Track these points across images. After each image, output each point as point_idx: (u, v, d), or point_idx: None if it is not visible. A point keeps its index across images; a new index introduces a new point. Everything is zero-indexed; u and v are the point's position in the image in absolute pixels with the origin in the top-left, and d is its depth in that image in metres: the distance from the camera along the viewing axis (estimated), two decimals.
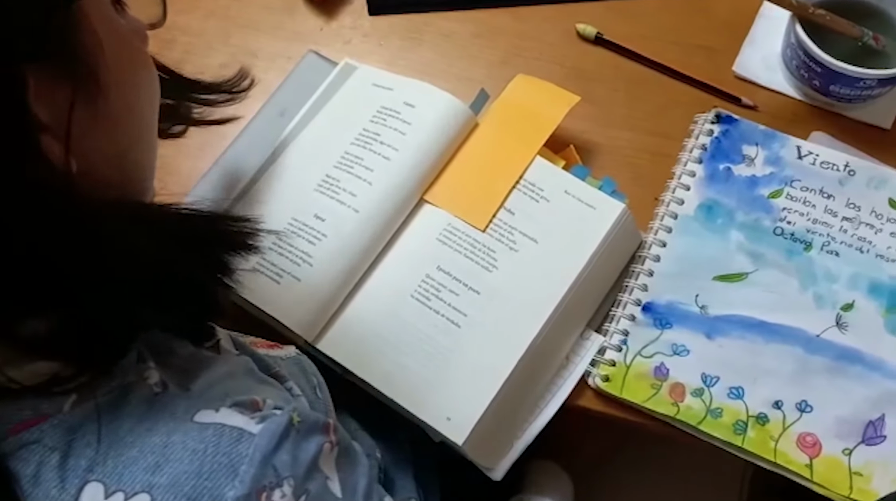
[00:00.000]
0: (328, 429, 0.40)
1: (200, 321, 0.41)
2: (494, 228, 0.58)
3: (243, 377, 0.41)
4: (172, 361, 0.39)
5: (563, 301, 0.56)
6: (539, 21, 0.70)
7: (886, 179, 0.61)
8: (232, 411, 0.36)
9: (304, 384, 0.49)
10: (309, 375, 0.51)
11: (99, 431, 0.35)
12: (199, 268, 0.38)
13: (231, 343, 0.44)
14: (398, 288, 0.57)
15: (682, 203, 0.62)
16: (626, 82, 0.68)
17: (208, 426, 0.36)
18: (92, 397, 0.36)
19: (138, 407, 0.36)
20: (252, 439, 0.36)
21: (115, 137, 0.35)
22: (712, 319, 0.59)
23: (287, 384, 0.44)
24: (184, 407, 0.36)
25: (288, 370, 0.50)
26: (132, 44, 0.37)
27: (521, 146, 0.60)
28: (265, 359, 0.45)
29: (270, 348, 0.52)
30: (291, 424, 0.37)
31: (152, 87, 0.39)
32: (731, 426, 0.56)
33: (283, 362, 0.51)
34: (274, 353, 0.51)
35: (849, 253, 0.59)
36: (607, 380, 0.58)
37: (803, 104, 0.65)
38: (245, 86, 0.53)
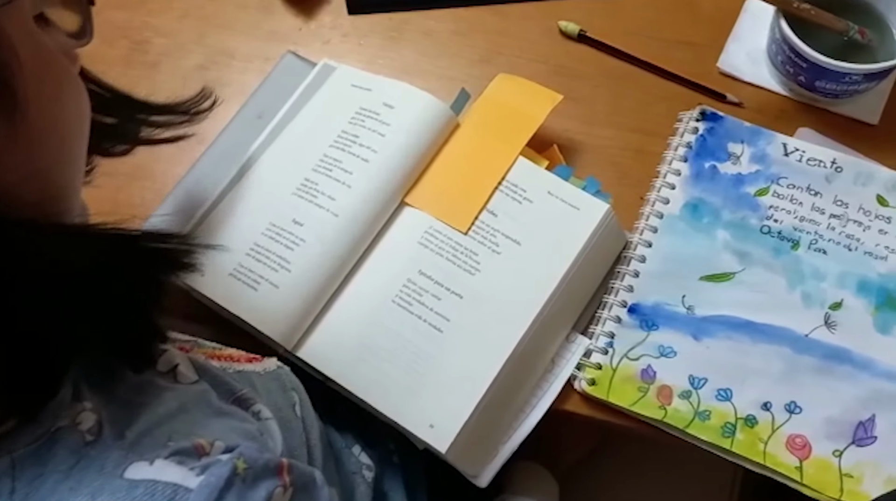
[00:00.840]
0: (281, 470, 0.37)
1: (137, 346, 0.39)
2: (477, 230, 0.57)
3: (196, 410, 0.38)
4: (118, 391, 0.36)
5: (548, 304, 0.55)
6: (521, 18, 0.69)
7: (874, 175, 0.60)
8: (169, 462, 0.34)
9: (282, 402, 0.48)
10: (288, 391, 0.49)
11: (13, 491, 0.32)
12: (128, 290, 0.36)
13: (191, 367, 0.42)
14: (379, 293, 0.56)
15: (667, 202, 0.60)
16: (610, 80, 0.66)
17: (139, 484, 0.33)
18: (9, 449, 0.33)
19: (65, 460, 0.33)
20: (187, 496, 0.33)
21: (34, 155, 0.33)
22: (699, 319, 0.58)
23: (254, 408, 0.42)
24: (115, 460, 0.33)
25: (265, 387, 0.49)
26: (57, 61, 0.35)
27: (504, 147, 0.59)
28: (230, 382, 0.43)
29: (249, 361, 0.51)
30: (235, 473, 0.34)
31: (79, 107, 0.37)
32: (720, 429, 0.55)
33: (261, 377, 0.49)
34: (252, 367, 0.50)
35: (837, 251, 0.59)
36: (593, 384, 0.57)
37: (789, 100, 0.64)
38: (206, 106, 0.51)
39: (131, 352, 0.37)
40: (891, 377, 0.55)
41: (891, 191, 0.59)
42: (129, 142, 0.45)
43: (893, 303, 0.57)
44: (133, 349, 0.37)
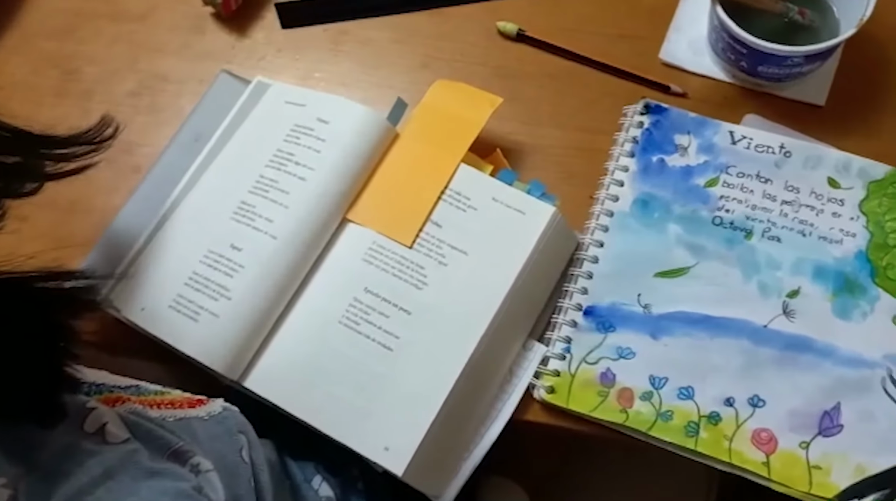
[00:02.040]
0: None
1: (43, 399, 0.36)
2: (422, 243, 0.55)
3: (123, 474, 0.36)
4: (40, 460, 0.34)
5: (499, 313, 0.54)
6: (460, 21, 0.67)
7: (823, 157, 0.59)
8: None
9: (227, 448, 0.46)
10: (234, 435, 0.48)
11: None
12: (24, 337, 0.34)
13: (121, 425, 0.40)
14: (325, 315, 0.54)
15: (616, 200, 0.59)
16: (552, 79, 0.65)
17: None
18: None
19: None
20: None
21: None
22: (656, 318, 0.56)
23: (193, 461, 0.41)
24: None
25: (208, 434, 0.47)
26: None
27: (445, 155, 0.57)
28: (166, 436, 0.41)
29: (193, 406, 0.49)
30: None
31: None
32: (683, 429, 0.54)
33: (204, 423, 0.48)
34: (195, 413, 0.48)
35: (791, 238, 0.57)
36: (552, 391, 0.55)
37: (734, 87, 0.63)
38: (109, 134, 0.49)
39: (37, 406, 0.35)
40: (853, 363, 0.54)
41: (841, 173, 0.58)
42: (36, 179, 0.43)
43: (851, 287, 0.56)
44: (38, 402, 0.35)
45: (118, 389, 0.49)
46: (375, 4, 0.68)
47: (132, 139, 0.66)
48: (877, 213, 0.57)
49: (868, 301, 0.55)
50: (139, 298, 0.56)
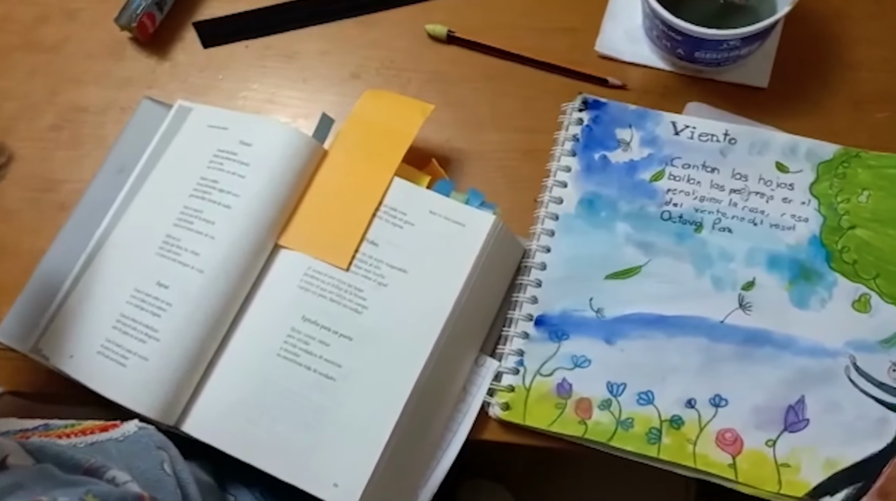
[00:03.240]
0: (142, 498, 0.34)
1: None
2: (359, 264, 0.53)
3: (35, 484, 0.35)
4: None
5: (445, 331, 0.51)
6: (388, 27, 0.65)
7: (769, 141, 0.57)
8: None
9: (146, 464, 0.44)
10: (153, 451, 0.45)
11: None
12: None
13: (25, 455, 0.38)
14: (262, 348, 0.51)
15: (560, 202, 0.57)
16: (488, 80, 0.62)
17: None
18: None
19: None
20: None
21: None
22: (610, 322, 0.54)
23: (108, 475, 0.39)
24: None
25: (123, 453, 0.45)
26: None
27: (377, 169, 0.55)
28: (77, 456, 0.40)
29: (105, 430, 0.47)
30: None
31: None
32: (644, 436, 0.51)
33: (119, 444, 0.46)
34: (108, 435, 0.46)
35: (742, 227, 0.55)
36: (508, 408, 0.53)
37: (674, 75, 0.61)
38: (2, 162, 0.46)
39: None
40: (814, 352, 0.52)
41: (789, 156, 0.56)
42: None
43: (807, 274, 0.54)
44: None
45: (24, 431, 0.46)
46: (299, 16, 0.65)
47: (55, 176, 0.63)
48: (828, 195, 0.55)
49: (825, 287, 0.53)
50: (67, 345, 0.53)
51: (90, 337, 0.52)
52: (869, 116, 0.58)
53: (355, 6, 0.64)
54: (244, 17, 0.65)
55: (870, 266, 0.53)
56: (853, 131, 0.57)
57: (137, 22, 0.64)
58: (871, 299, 0.53)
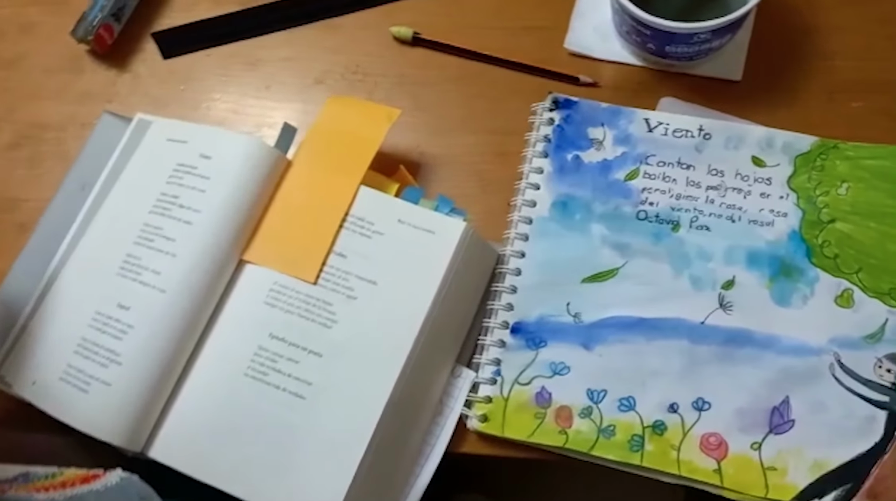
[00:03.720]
0: None
1: None
2: (327, 277, 0.51)
3: None
4: None
5: (418, 343, 0.49)
6: (353, 31, 0.63)
7: (745, 135, 0.55)
8: None
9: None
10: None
11: None
12: None
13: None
14: (229, 369, 0.50)
15: (534, 205, 0.55)
16: (457, 82, 0.61)
17: None
18: None
19: None
20: None
21: None
22: (588, 327, 0.53)
23: None
24: None
25: None
26: None
27: (342, 179, 0.53)
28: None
29: (87, 481, 0.45)
30: None
31: None
32: (627, 444, 0.50)
33: (101, 495, 0.44)
34: (89, 487, 0.44)
35: (720, 225, 0.54)
36: (486, 420, 0.51)
37: (646, 70, 0.59)
38: None
39: None
40: (798, 351, 0.50)
41: (765, 150, 0.55)
42: None
43: (788, 271, 0.52)
44: None
45: (2, 483, 0.44)
46: (260, 22, 0.63)
47: (14, 195, 0.61)
48: (807, 188, 0.54)
49: (807, 284, 0.52)
50: (29, 371, 0.51)
51: (52, 363, 0.50)
52: (845, 106, 0.57)
53: (318, 10, 0.63)
54: (204, 26, 0.63)
55: (851, 260, 0.52)
56: (830, 122, 0.56)
57: (95, 34, 0.62)
58: (853, 294, 0.51)
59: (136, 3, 0.64)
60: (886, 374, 0.50)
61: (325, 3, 0.63)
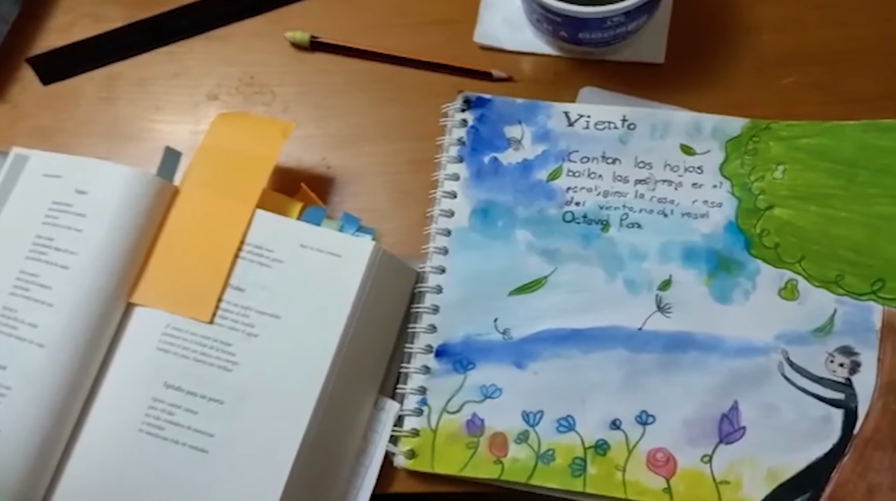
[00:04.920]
0: None
1: None
2: (224, 315, 0.46)
3: None
4: None
5: (331, 378, 0.45)
6: (244, 39, 0.58)
7: (671, 122, 0.51)
8: None
9: None
10: None
11: None
12: None
13: None
14: (122, 426, 0.44)
15: (451, 215, 0.51)
16: (363, 87, 0.56)
17: None
18: None
19: None
20: None
21: None
22: (519, 343, 0.48)
23: None
24: None
25: None
26: None
27: (236, 204, 0.48)
28: None
29: None
30: None
31: None
32: (568, 469, 0.46)
33: None
34: None
35: (652, 221, 0.50)
36: (413, 456, 0.47)
37: (563, 60, 0.55)
38: None
39: None
40: (744, 352, 0.47)
41: (694, 136, 0.51)
42: None
43: (727, 265, 0.48)
44: None
45: None
46: (143, 39, 0.58)
47: None
48: (740, 175, 0.50)
49: (748, 277, 0.48)
50: None
51: None
52: (775, 82, 0.53)
53: (206, 21, 0.58)
54: (84, 47, 0.58)
55: (793, 248, 0.48)
56: (761, 101, 0.52)
57: None
58: (798, 285, 0.48)
59: (6, 29, 0.58)
60: (839, 369, 0.46)
61: (212, 13, 0.58)
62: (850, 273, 0.47)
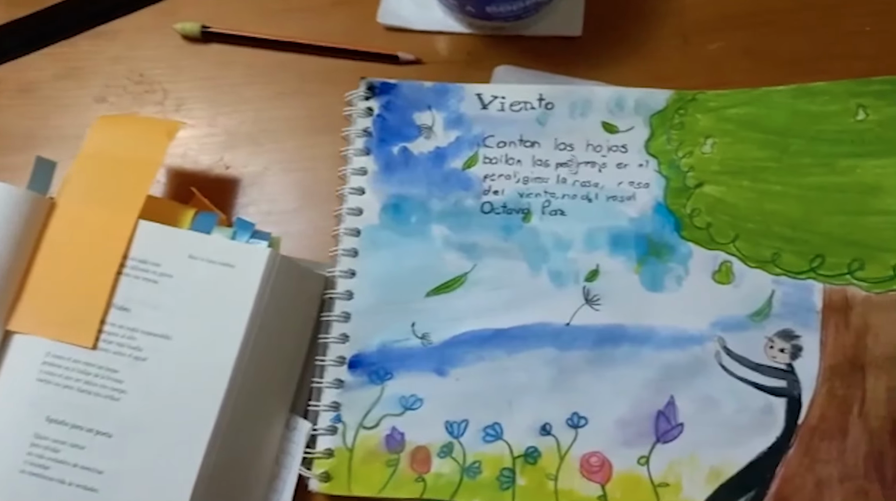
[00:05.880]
0: None
1: None
2: (108, 338, 0.42)
3: None
4: None
5: (229, 402, 0.40)
6: (131, 34, 0.53)
7: (591, 99, 0.48)
8: None
9: None
10: None
11: None
12: None
13: None
14: (2, 466, 0.40)
15: (360, 213, 0.47)
16: (262, 78, 0.52)
17: None
18: None
19: None
20: None
21: None
22: (439, 348, 0.44)
23: None
24: None
25: None
26: None
27: (117, 215, 0.43)
28: None
29: None
30: None
31: None
32: (496, 482, 0.42)
33: None
34: None
35: (576, 206, 0.46)
36: (328, 479, 0.43)
37: (475, 38, 0.51)
38: None
39: None
40: (678, 342, 0.43)
41: (616, 113, 0.47)
42: None
43: (657, 250, 0.45)
44: None
45: None
46: (24, 39, 0.53)
47: None
48: (667, 151, 0.46)
49: (679, 261, 0.45)
50: None
51: None
52: (701, 49, 0.49)
53: (89, 17, 0.53)
54: None
55: (726, 227, 0.45)
56: (687, 71, 0.49)
57: None
58: (732, 267, 0.44)
59: None
60: (780, 354, 0.43)
61: (97, 7, 0.53)
62: (787, 251, 0.44)
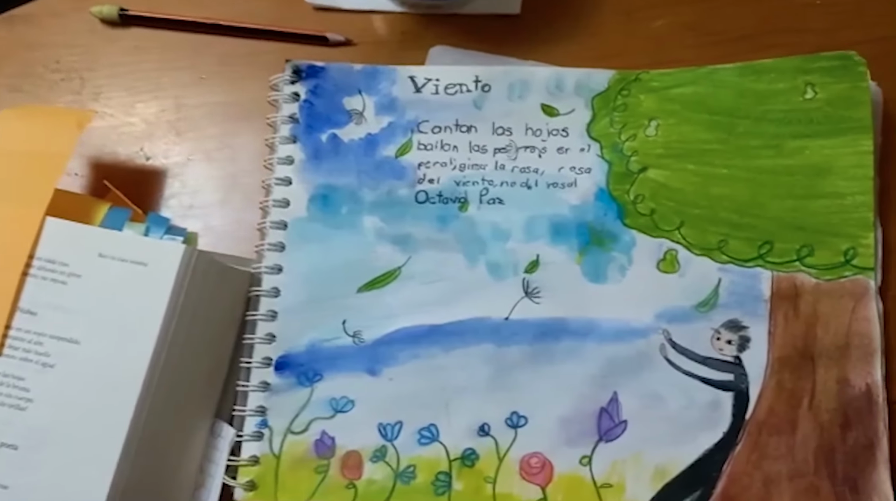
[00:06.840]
0: None
1: None
2: (13, 344, 0.39)
3: None
4: None
5: (142, 408, 0.38)
6: (45, 19, 0.50)
7: (530, 80, 0.45)
8: None
9: None
10: None
11: None
12: None
13: None
14: None
15: (287, 205, 0.44)
16: (184, 63, 0.48)
17: None
18: None
19: None
20: None
21: None
22: (371, 346, 0.42)
23: None
24: None
25: None
26: None
27: (22, 211, 0.41)
28: None
29: None
30: None
31: None
32: (431, 487, 0.40)
33: None
34: None
35: (514, 194, 0.44)
36: (254, 487, 0.40)
37: (409, 17, 0.48)
38: None
39: None
40: (621, 335, 0.41)
41: (556, 95, 0.45)
42: None
43: (599, 238, 0.43)
44: None
45: None
46: None
47: None
48: (610, 135, 0.44)
49: (623, 250, 0.42)
50: None
51: None
52: (645, 25, 0.47)
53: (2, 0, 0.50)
54: None
55: (671, 214, 0.43)
56: (631, 49, 0.46)
57: None
58: (677, 255, 0.42)
59: None
60: (727, 346, 0.41)
61: None
62: (733, 237, 0.42)
